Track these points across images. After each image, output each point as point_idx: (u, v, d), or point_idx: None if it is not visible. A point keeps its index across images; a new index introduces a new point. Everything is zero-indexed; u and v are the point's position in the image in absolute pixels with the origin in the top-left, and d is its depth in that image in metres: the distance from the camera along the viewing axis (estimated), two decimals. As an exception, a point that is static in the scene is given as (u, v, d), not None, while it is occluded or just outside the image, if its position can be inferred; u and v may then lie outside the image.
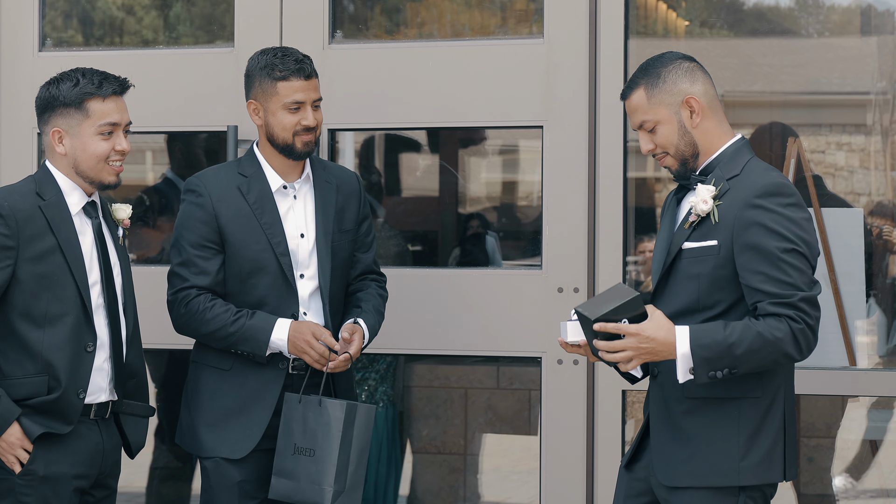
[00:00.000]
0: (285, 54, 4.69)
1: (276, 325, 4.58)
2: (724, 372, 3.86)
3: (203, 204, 4.66)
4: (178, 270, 4.67)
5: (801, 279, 3.87)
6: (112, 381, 4.38)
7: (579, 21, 5.33)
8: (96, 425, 4.38)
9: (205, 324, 4.61)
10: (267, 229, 4.66)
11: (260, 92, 4.69)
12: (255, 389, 4.66)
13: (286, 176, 4.74)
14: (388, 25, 6.12)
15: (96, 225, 4.41)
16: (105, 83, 4.34)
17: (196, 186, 4.71)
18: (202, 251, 4.65)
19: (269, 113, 4.68)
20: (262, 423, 4.65)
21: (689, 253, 4.01)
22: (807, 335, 3.87)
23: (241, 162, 4.78)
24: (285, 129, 4.66)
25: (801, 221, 3.93)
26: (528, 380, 6.70)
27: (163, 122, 5.79)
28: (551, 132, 5.37)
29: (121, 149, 4.36)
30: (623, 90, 4.16)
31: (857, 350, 5.50)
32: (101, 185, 4.39)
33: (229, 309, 4.60)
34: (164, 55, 5.88)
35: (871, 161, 6.72)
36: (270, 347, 4.60)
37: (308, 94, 4.67)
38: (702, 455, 3.97)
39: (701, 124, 4.07)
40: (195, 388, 4.75)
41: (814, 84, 6.63)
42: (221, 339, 4.61)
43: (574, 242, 5.33)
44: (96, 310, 4.33)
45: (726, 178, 4.01)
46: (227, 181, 4.71)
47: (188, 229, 4.67)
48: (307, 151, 4.70)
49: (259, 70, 4.69)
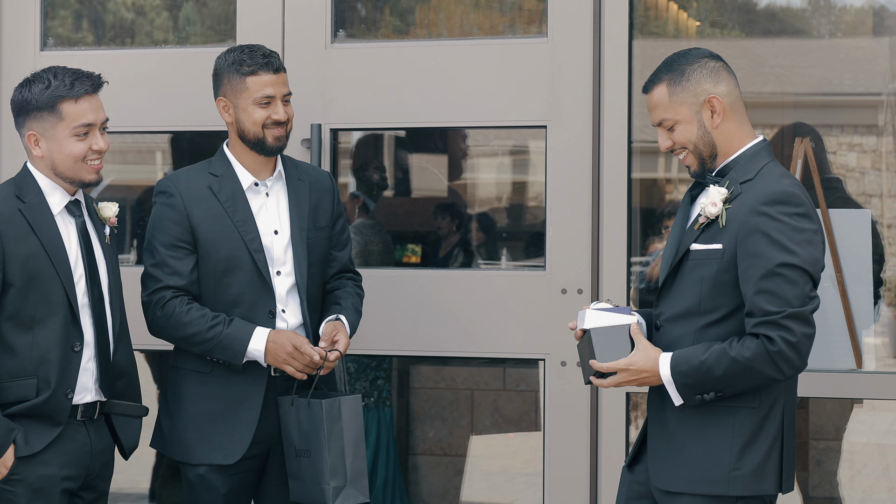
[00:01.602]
0: (252, 50, 4.63)
1: (254, 335, 4.50)
2: (711, 395, 3.82)
3: (174, 204, 4.59)
4: (152, 272, 4.60)
5: (793, 294, 3.75)
6: (98, 381, 4.30)
7: (583, 19, 5.25)
8: (84, 426, 4.29)
9: (180, 328, 4.53)
10: (240, 227, 4.58)
11: (229, 89, 4.63)
12: (238, 391, 4.58)
13: (257, 173, 4.67)
14: (392, 25, 6.01)
15: (80, 224, 4.32)
16: (77, 83, 4.24)
17: (167, 188, 4.64)
18: (175, 251, 4.57)
19: (239, 109, 4.62)
20: (250, 426, 4.56)
21: (695, 255, 3.93)
22: (785, 356, 3.75)
23: (211, 162, 4.72)
24: (256, 123, 4.59)
25: (806, 233, 3.81)
26: (535, 381, 6.65)
27: (166, 121, 5.74)
28: (555, 132, 5.29)
29: (97, 148, 4.27)
30: (645, 83, 4.06)
31: (865, 352, 5.39)
32: (81, 183, 4.31)
33: (206, 314, 4.52)
34: (167, 54, 5.81)
35: (882, 162, 6.67)
36: (247, 357, 4.52)
37: (278, 89, 4.61)
38: (695, 462, 3.89)
39: (721, 125, 3.97)
40: (176, 392, 4.66)
41: (825, 85, 6.55)
42: (197, 344, 4.53)
43: (578, 243, 5.24)
44: (82, 309, 4.25)
45: (740, 181, 3.91)
46: (197, 181, 4.64)
47: (160, 230, 4.60)
48: (278, 146, 4.64)
49: (227, 67, 4.63)
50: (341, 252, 4.81)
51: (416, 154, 7.28)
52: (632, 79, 5.20)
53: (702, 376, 3.78)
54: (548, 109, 5.27)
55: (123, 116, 5.46)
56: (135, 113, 5.64)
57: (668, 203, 7.16)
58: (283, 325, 4.59)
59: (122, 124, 5.47)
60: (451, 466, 6.73)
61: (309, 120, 5.43)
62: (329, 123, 5.46)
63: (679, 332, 3.94)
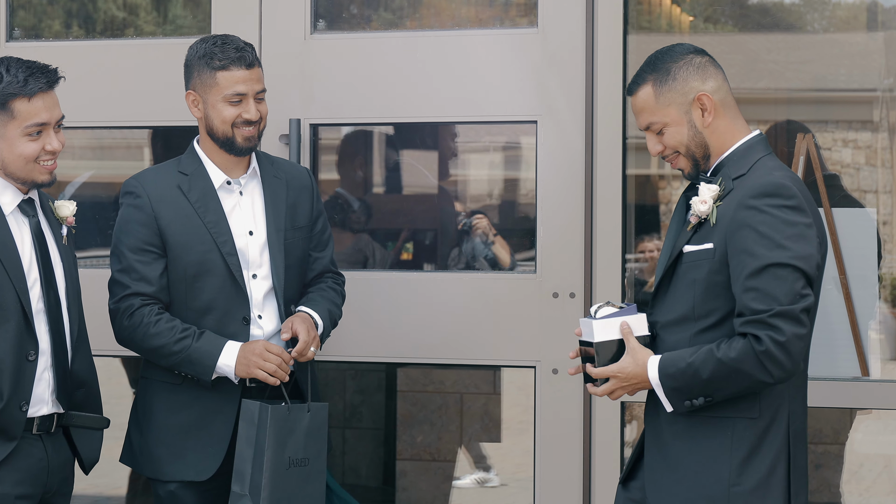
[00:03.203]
0: (225, 42, 4.29)
1: (224, 350, 4.19)
2: (700, 400, 3.58)
3: (141, 206, 4.27)
4: (119, 278, 4.28)
5: (782, 291, 3.47)
6: (55, 392, 3.98)
7: (576, 9, 4.97)
8: (40, 440, 3.97)
9: (147, 339, 4.22)
10: (211, 228, 4.26)
11: (199, 82, 4.30)
12: (211, 403, 4.27)
13: (230, 171, 4.35)
14: (376, 15, 5.73)
15: (34, 224, 4.00)
16: (31, 80, 3.91)
17: (133, 188, 4.32)
18: (142, 255, 4.25)
19: (208, 105, 4.29)
20: (223, 440, 4.26)
21: (688, 257, 3.68)
22: (773, 356, 3.46)
23: (180, 160, 4.39)
24: (225, 121, 4.26)
25: (797, 227, 3.53)
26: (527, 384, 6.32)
27: (138, 116, 5.43)
28: (546, 127, 5.01)
29: (51, 148, 3.96)
30: (629, 85, 3.81)
31: (870, 353, 5.13)
32: (34, 184, 4.00)
33: (175, 326, 4.21)
34: (136, 45, 5.51)
35: (877, 158, 6.50)
36: (217, 372, 4.20)
37: (250, 86, 4.28)
38: (691, 478, 3.64)
39: (713, 123, 3.72)
40: (146, 404, 4.36)
41: (820, 81, 6.37)
42: (164, 357, 4.22)
43: (570, 245, 4.96)
44: (36, 315, 3.93)
45: (732, 177, 3.66)
46: (166, 181, 4.32)
47: (126, 233, 4.28)
48: (248, 147, 4.31)
49: (198, 59, 4.30)
50: (322, 253, 4.49)
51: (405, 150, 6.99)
52: (626, 72, 4.92)
53: (689, 379, 3.55)
54: (538, 104, 5.00)
55: (102, 110, 5.27)
56: (114, 107, 5.36)
57: (669, 201, 7.01)
58: (258, 332, 4.28)
59: (97, 119, 5.31)
60: (441, 472, 6.54)
61: (287, 115, 5.15)
62: (308, 118, 5.18)
63: (674, 340, 3.68)
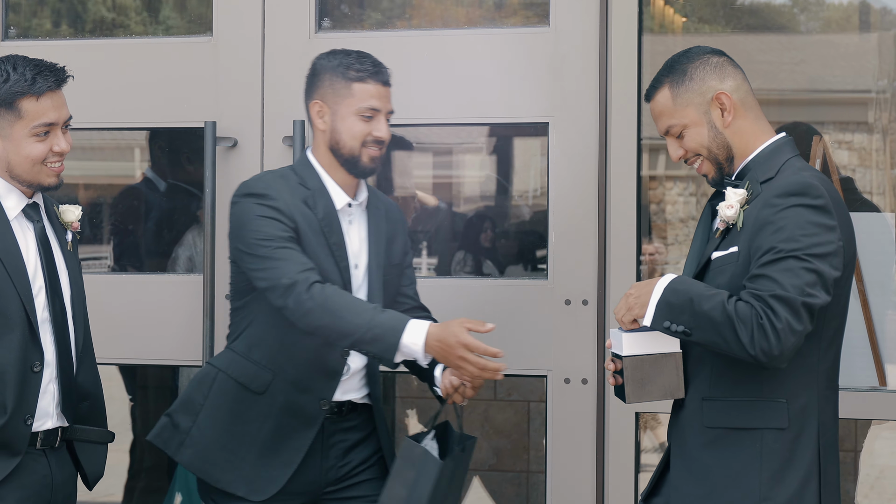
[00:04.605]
0: (362, 55, 4.03)
1: (409, 327, 3.78)
2: (680, 329, 3.39)
3: (281, 208, 3.92)
4: (278, 255, 3.87)
5: (789, 280, 3.31)
6: (60, 405, 3.77)
7: (589, 8, 4.81)
8: (44, 456, 3.75)
9: (342, 310, 3.78)
10: (335, 251, 3.98)
11: (329, 92, 4.01)
12: (287, 424, 3.98)
13: (348, 191, 4.06)
14: (382, 13, 5.58)
15: (39, 229, 3.78)
16: (39, 78, 3.70)
17: (265, 190, 3.95)
18: (294, 244, 3.90)
19: (337, 117, 4.00)
20: (289, 466, 3.97)
21: (715, 263, 3.52)
22: (766, 335, 3.28)
23: (295, 171, 4.06)
24: (354, 137, 3.98)
25: (818, 228, 3.37)
26: (527, 391, 6.33)
27: (135, 117, 5.23)
28: (558, 129, 4.83)
29: (59, 149, 3.74)
30: (647, 91, 3.68)
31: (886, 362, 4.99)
32: (40, 187, 3.79)
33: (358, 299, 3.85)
34: (136, 45, 5.30)
35: (872, 160, 6.46)
36: (402, 352, 3.78)
37: (384, 103, 4.02)
38: (719, 493, 3.46)
39: (734, 123, 3.58)
40: (216, 401, 4.04)
41: (814, 82, 6.33)
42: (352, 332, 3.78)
43: (583, 250, 4.77)
44: (42, 324, 3.71)
45: (760, 181, 3.50)
46: (291, 191, 3.98)
47: (270, 227, 3.89)
48: (372, 168, 4.02)
49: (331, 69, 4.02)
50: (410, 287, 4.24)
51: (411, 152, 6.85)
52: (641, 72, 4.76)
53: (687, 301, 3.38)
54: (551, 105, 4.82)
55: (94, 111, 5.07)
56: (106, 108, 5.16)
57: (661, 201, 6.95)
58: (352, 363, 4.03)
59: (92, 120, 5.10)
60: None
61: (291, 116, 4.94)
62: (313, 120, 4.95)
63: (697, 352, 3.52)
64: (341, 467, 4.06)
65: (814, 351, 3.44)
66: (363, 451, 4.11)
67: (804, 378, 3.43)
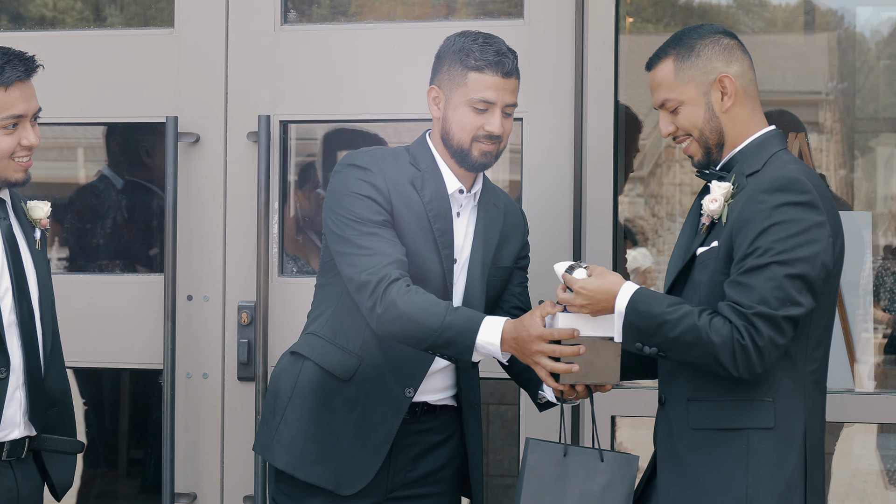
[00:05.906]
0: (486, 42, 3.74)
1: (483, 325, 3.56)
2: (654, 350, 3.32)
3: (379, 187, 3.70)
4: (362, 242, 3.65)
5: (772, 293, 3.22)
6: (27, 413, 3.56)
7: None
8: (9, 467, 3.55)
9: (413, 315, 3.58)
10: (439, 237, 3.74)
11: (447, 79, 3.76)
12: (374, 413, 3.74)
13: (463, 182, 3.83)
14: (351, 5, 5.47)
15: (6, 227, 3.60)
16: (8, 68, 3.52)
17: (369, 165, 3.74)
18: (384, 230, 3.68)
19: (450, 106, 3.75)
20: (376, 457, 3.73)
21: (700, 258, 3.42)
22: (748, 354, 3.23)
23: (409, 151, 3.84)
24: (464, 129, 3.72)
25: (805, 225, 3.27)
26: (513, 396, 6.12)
27: (91, 112, 5.05)
28: (532, 126, 4.69)
29: (28, 143, 3.57)
30: (649, 59, 3.55)
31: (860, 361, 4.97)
32: (6, 183, 3.60)
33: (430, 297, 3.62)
34: (94, 37, 5.13)
35: (824, 161, 6.60)
36: (479, 352, 3.56)
37: (501, 95, 3.72)
38: (708, 496, 3.36)
39: (732, 109, 3.47)
40: (302, 389, 3.79)
41: (764, 83, 6.14)
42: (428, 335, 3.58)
43: (556, 252, 4.60)
44: (8, 328, 3.52)
45: (746, 173, 3.40)
46: (398, 170, 3.75)
47: (362, 207, 3.68)
48: (483, 164, 3.76)
49: (452, 53, 3.75)
50: (520, 288, 4.00)
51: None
52: (618, 66, 4.64)
53: (655, 328, 3.29)
54: (524, 100, 4.57)
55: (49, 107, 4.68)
56: (61, 103, 4.96)
57: None
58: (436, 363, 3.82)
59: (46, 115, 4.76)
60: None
61: (257, 111, 4.79)
62: (278, 115, 4.81)
63: None
64: (409, 472, 3.84)
65: (801, 351, 3.35)
66: (437, 457, 3.88)
67: (791, 378, 3.34)
